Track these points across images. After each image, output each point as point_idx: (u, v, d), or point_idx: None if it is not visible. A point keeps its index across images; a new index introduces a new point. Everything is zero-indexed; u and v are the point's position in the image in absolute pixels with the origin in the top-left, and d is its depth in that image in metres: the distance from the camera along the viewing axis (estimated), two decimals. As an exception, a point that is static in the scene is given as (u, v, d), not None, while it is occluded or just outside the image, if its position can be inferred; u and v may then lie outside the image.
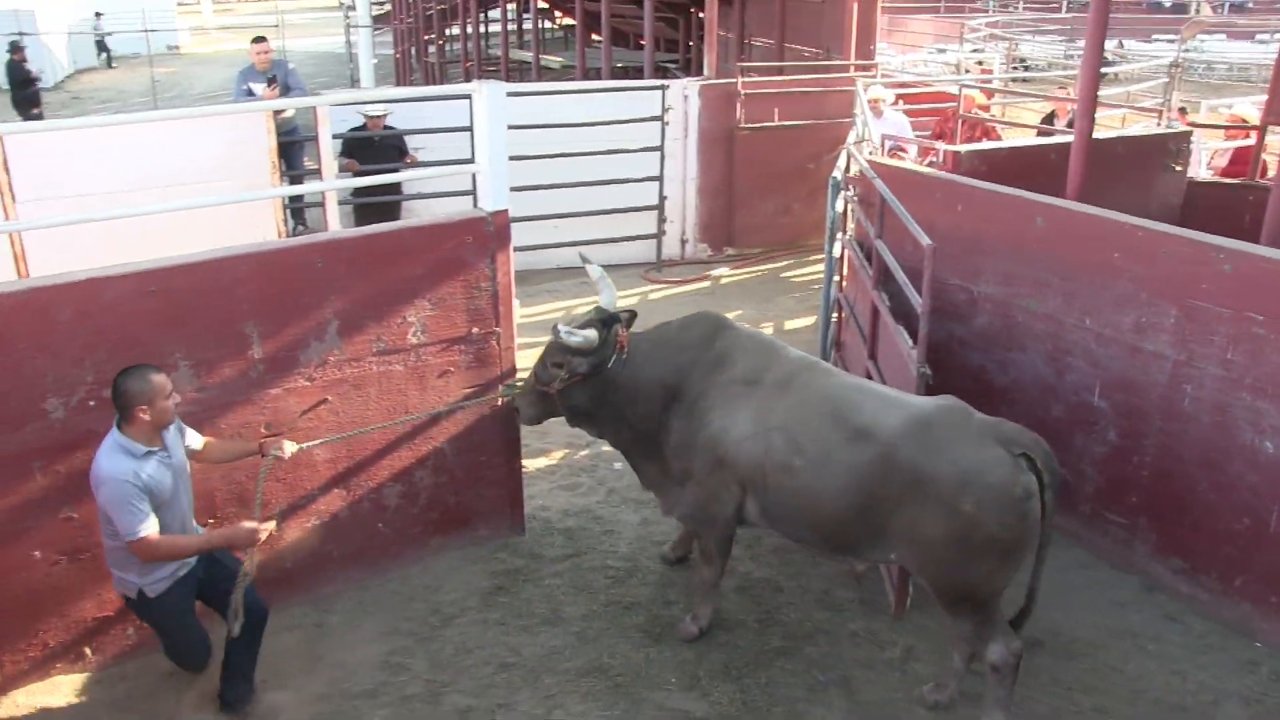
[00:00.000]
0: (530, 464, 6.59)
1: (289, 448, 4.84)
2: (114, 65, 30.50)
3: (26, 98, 20.91)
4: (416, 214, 10.24)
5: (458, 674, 5.08)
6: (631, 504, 6.38)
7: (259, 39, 10.59)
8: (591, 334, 5.08)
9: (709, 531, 5.17)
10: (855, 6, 13.28)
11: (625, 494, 6.55)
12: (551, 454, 7.09)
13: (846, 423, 4.62)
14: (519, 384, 5.64)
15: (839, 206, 7.84)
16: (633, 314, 5.42)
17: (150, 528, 4.28)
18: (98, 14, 33.69)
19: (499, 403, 5.80)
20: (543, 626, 5.40)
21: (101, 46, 33.52)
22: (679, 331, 5.28)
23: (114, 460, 4.28)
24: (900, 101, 11.31)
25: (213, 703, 4.79)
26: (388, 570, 5.72)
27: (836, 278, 7.86)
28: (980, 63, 18.69)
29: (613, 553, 6.02)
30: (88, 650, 5.03)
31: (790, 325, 9.44)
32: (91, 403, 4.69)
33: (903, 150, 9.64)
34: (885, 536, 4.57)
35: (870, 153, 8.53)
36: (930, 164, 8.65)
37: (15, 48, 21.59)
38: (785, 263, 11.35)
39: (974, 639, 4.58)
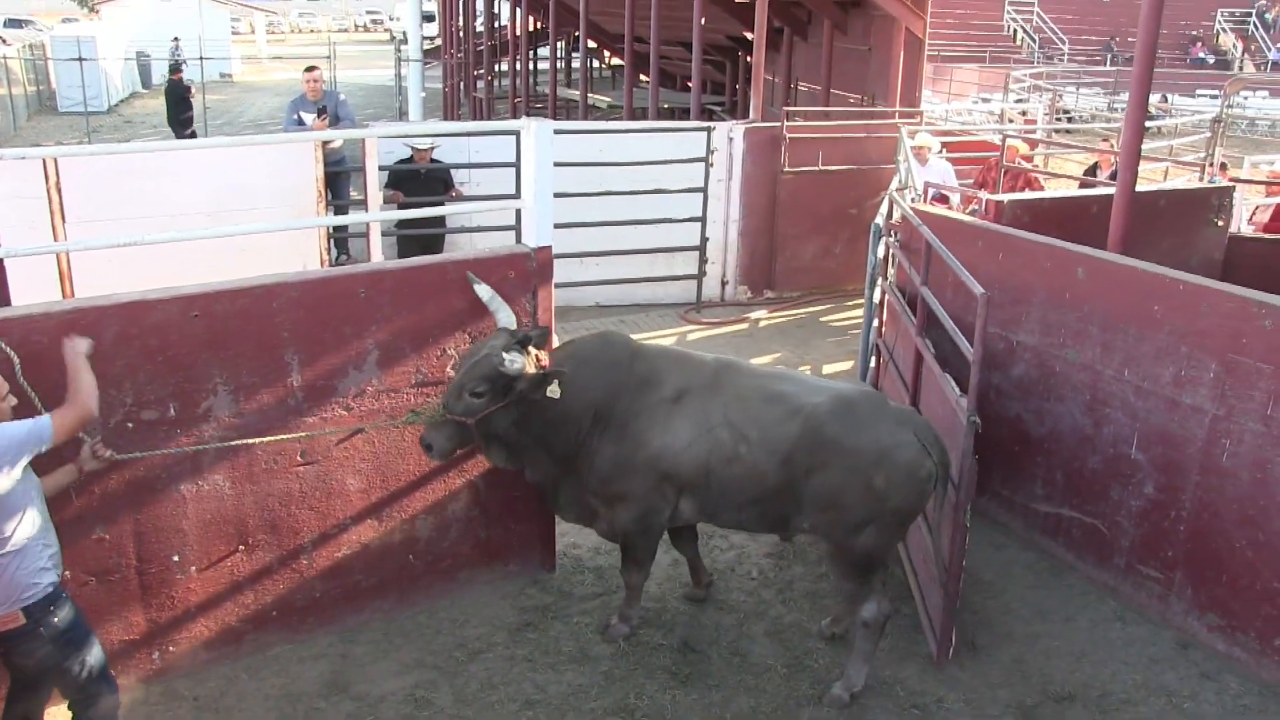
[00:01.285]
0: (563, 500, 6.58)
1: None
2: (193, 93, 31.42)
3: (182, 119, 21.50)
4: (459, 247, 10.33)
5: (482, 710, 5.05)
6: (663, 545, 6.32)
7: (311, 68, 10.74)
8: (520, 357, 4.97)
9: (645, 541, 5.43)
10: (901, 55, 13.32)
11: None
12: (584, 491, 7.06)
13: (780, 404, 5.12)
14: (423, 413, 5.32)
15: (880, 252, 7.83)
16: (544, 331, 5.39)
17: None
18: (175, 39, 34.41)
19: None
20: (569, 665, 5.37)
21: (176, 69, 34.30)
22: (600, 351, 5.34)
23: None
24: (944, 149, 11.31)
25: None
26: (416, 602, 5.72)
27: (876, 323, 7.83)
28: (1024, 113, 18.70)
29: (643, 593, 5.98)
30: (111, 672, 5.05)
31: (828, 369, 9.40)
32: (130, 424, 4.74)
33: (946, 198, 9.62)
34: (804, 504, 5.08)
35: (913, 200, 8.53)
36: (972, 212, 8.63)
37: (175, 68, 21.99)
38: (824, 306, 11.33)
39: (853, 598, 5.18)
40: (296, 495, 5.22)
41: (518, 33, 25.26)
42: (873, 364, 7.81)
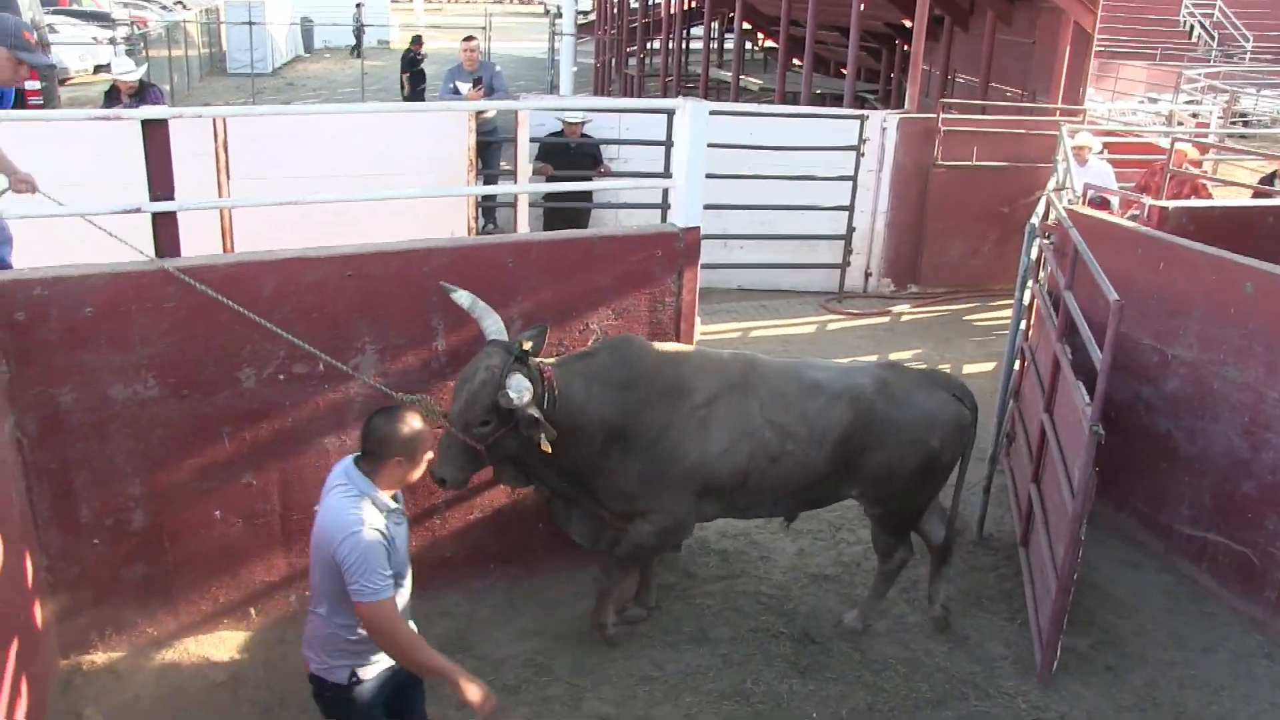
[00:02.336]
0: (692, 481, 6.59)
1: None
2: (361, 55, 32.45)
3: (417, 91, 22.16)
4: (604, 223, 10.41)
5: (599, 682, 5.12)
6: (791, 534, 6.31)
7: (469, 38, 10.92)
8: (525, 383, 4.45)
9: (656, 553, 5.43)
10: (1068, 49, 12.90)
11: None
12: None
13: (820, 393, 5.13)
14: (424, 402, 4.51)
15: (1033, 253, 7.60)
16: (540, 331, 4.86)
17: (393, 593, 3.59)
18: (359, 5, 35.50)
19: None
20: (688, 644, 5.40)
21: (357, 36, 35.46)
22: (614, 368, 4.89)
23: (362, 510, 3.56)
24: (1105, 150, 10.92)
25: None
26: (540, 571, 5.80)
27: (1023, 325, 7.62)
28: (1195, 115, 17.91)
29: (766, 579, 5.97)
30: (253, 611, 5.27)
31: (969, 369, 9.20)
32: (281, 376, 4.91)
33: (1105, 201, 9.29)
34: (856, 480, 5.23)
35: (1070, 201, 8.26)
36: (1132, 218, 8.32)
37: (417, 40, 22.67)
38: (969, 305, 11.08)
39: (890, 549, 5.48)
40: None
41: (672, 11, 25.24)
42: (1016, 367, 7.61)
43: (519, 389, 4.41)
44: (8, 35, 5.09)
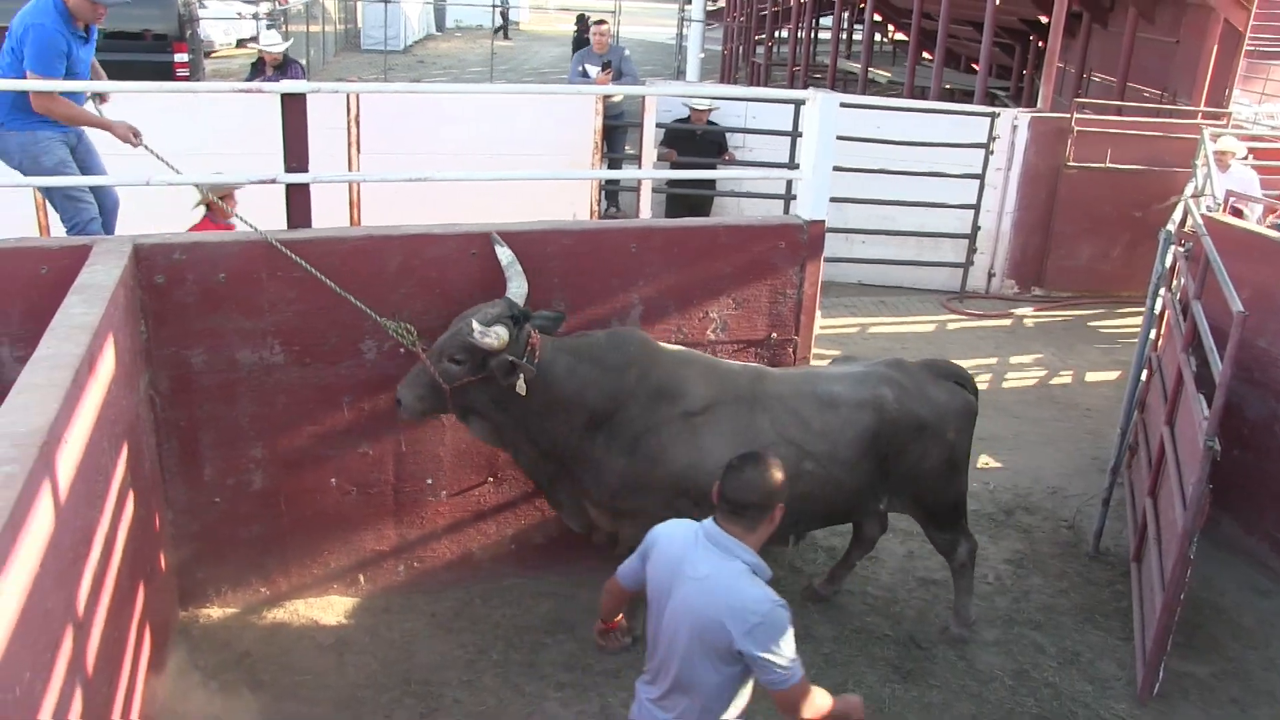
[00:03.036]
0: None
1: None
2: (510, 36, 33.29)
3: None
4: (726, 211, 10.36)
5: (701, 671, 5.09)
6: (900, 534, 6.21)
7: (599, 22, 10.95)
8: (501, 331, 4.45)
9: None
10: (1214, 49, 12.40)
11: (895, 521, 6.33)
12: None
13: (838, 406, 4.95)
14: (408, 330, 4.79)
15: (1167, 261, 7.34)
16: (555, 317, 4.83)
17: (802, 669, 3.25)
18: None
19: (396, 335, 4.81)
20: (788, 641, 5.34)
21: (505, 18, 36.29)
22: (606, 350, 4.78)
23: (759, 585, 3.23)
24: (1250, 156, 10.47)
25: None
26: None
27: (1153, 334, 7.37)
28: (1349, 123, 17.06)
29: (873, 580, 5.88)
30: (361, 578, 5.38)
31: (1091, 377, 8.94)
32: (401, 350, 4.98)
33: (1245, 209, 8.92)
34: (885, 488, 5.12)
35: (1209, 208, 7.94)
36: (1275, 226, 7.98)
37: (583, 19, 22.96)
38: (1095, 311, 10.74)
39: (951, 545, 5.35)
40: (548, 437, 5.36)
41: (802, 1, 24.98)
42: (1143, 377, 7.36)
43: (492, 332, 4.39)
44: None
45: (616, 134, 10.40)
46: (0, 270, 4.46)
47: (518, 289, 4.79)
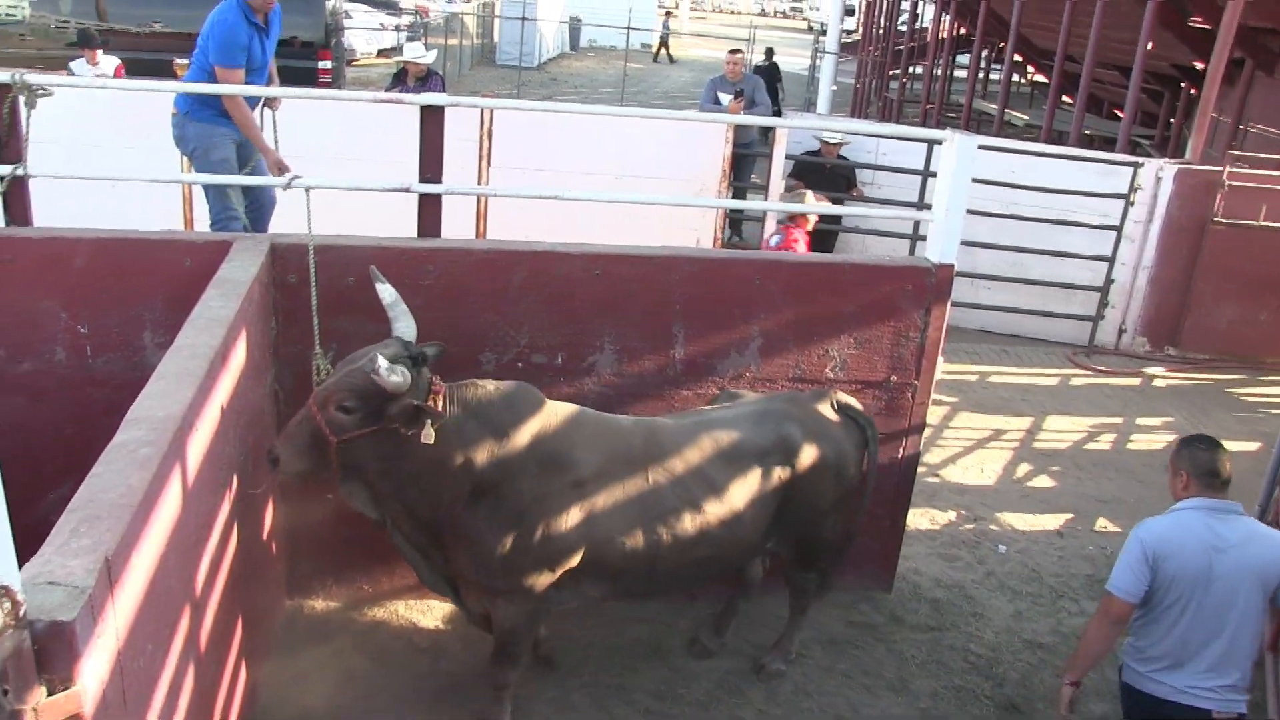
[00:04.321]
0: (913, 523, 6.39)
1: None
2: (672, 59, 34.15)
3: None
4: (849, 248, 10.27)
5: (791, 712, 5.01)
6: (1008, 592, 6.05)
7: (735, 50, 10.99)
8: (405, 373, 3.90)
9: (527, 637, 4.56)
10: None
11: (1004, 580, 6.22)
12: (937, 519, 6.85)
13: (743, 457, 4.61)
14: (322, 358, 4.59)
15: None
16: (440, 351, 4.37)
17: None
18: (668, 13, 36.99)
19: (314, 370, 4.57)
20: (887, 691, 5.22)
21: (665, 42, 37.08)
22: (499, 409, 4.22)
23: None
24: None
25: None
26: (750, 592, 5.69)
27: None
28: None
29: (977, 637, 5.72)
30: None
31: (1227, 446, 8.56)
32: (520, 364, 5.03)
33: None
34: (777, 529, 4.81)
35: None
36: None
37: (770, 52, 23.18)
38: (1235, 376, 10.26)
39: (806, 579, 5.16)
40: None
41: (941, 37, 24.69)
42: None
43: (399, 370, 3.85)
44: None
45: (744, 162, 10.40)
46: (148, 261, 4.65)
47: (406, 328, 4.26)
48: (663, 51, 38.14)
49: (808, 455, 4.72)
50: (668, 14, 38.17)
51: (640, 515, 4.37)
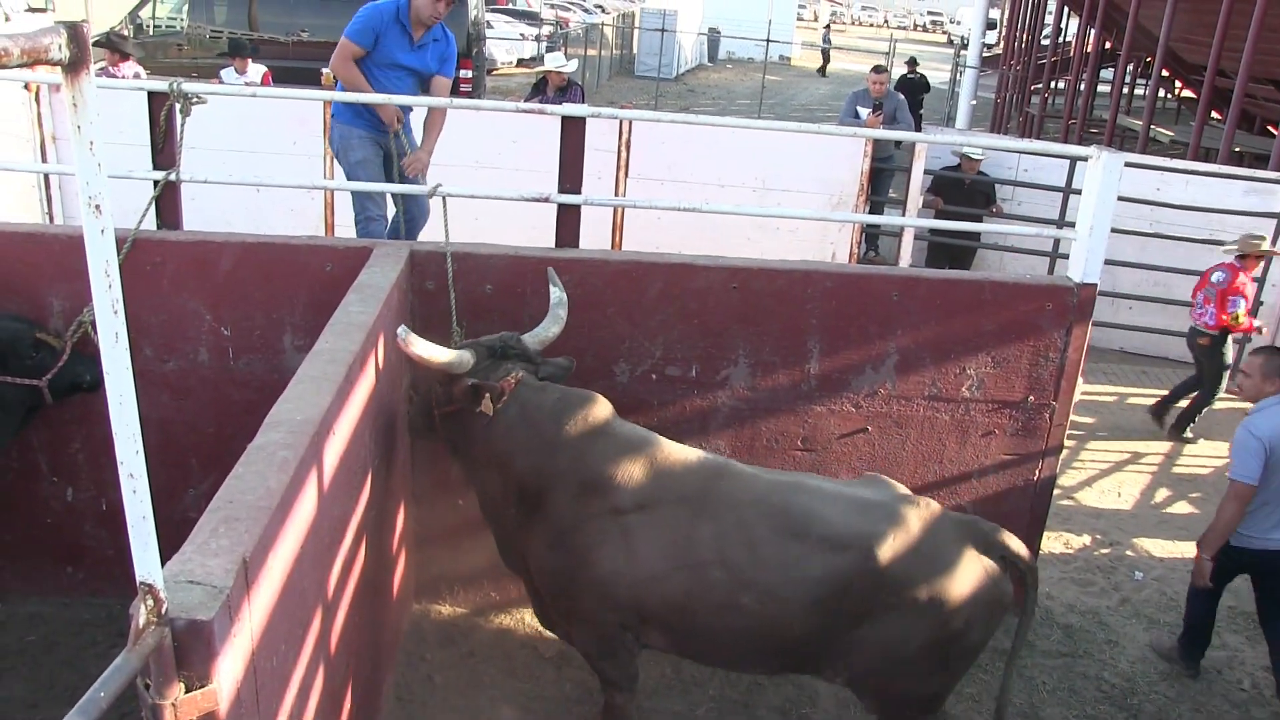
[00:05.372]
0: (1047, 546, 6.19)
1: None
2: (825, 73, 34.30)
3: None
4: (987, 265, 10.03)
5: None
6: (1144, 620, 5.81)
7: (879, 68, 10.87)
8: (458, 356, 4.09)
9: (613, 666, 4.30)
10: None
11: (1140, 607, 5.98)
12: (1071, 543, 6.63)
13: (807, 538, 3.90)
14: (459, 331, 4.71)
15: None
16: (568, 366, 4.40)
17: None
18: (827, 27, 37.18)
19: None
20: (1016, 718, 5.06)
21: (826, 56, 37.22)
22: (547, 416, 4.13)
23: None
24: None
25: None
26: None
27: None
28: None
29: (1111, 665, 5.51)
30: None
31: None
32: (654, 376, 5.02)
33: None
34: (841, 654, 4.03)
35: None
36: None
37: (913, 62, 23.23)
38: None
39: None
40: (787, 478, 5.29)
41: (1085, 50, 23.99)
42: None
43: (422, 342, 4.02)
44: None
45: (883, 177, 10.25)
46: (291, 265, 4.78)
47: (541, 328, 4.47)
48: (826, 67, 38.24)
49: (887, 571, 3.89)
50: (827, 27, 38.27)
51: (672, 558, 3.98)
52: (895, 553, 3.88)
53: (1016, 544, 4.15)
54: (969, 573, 3.96)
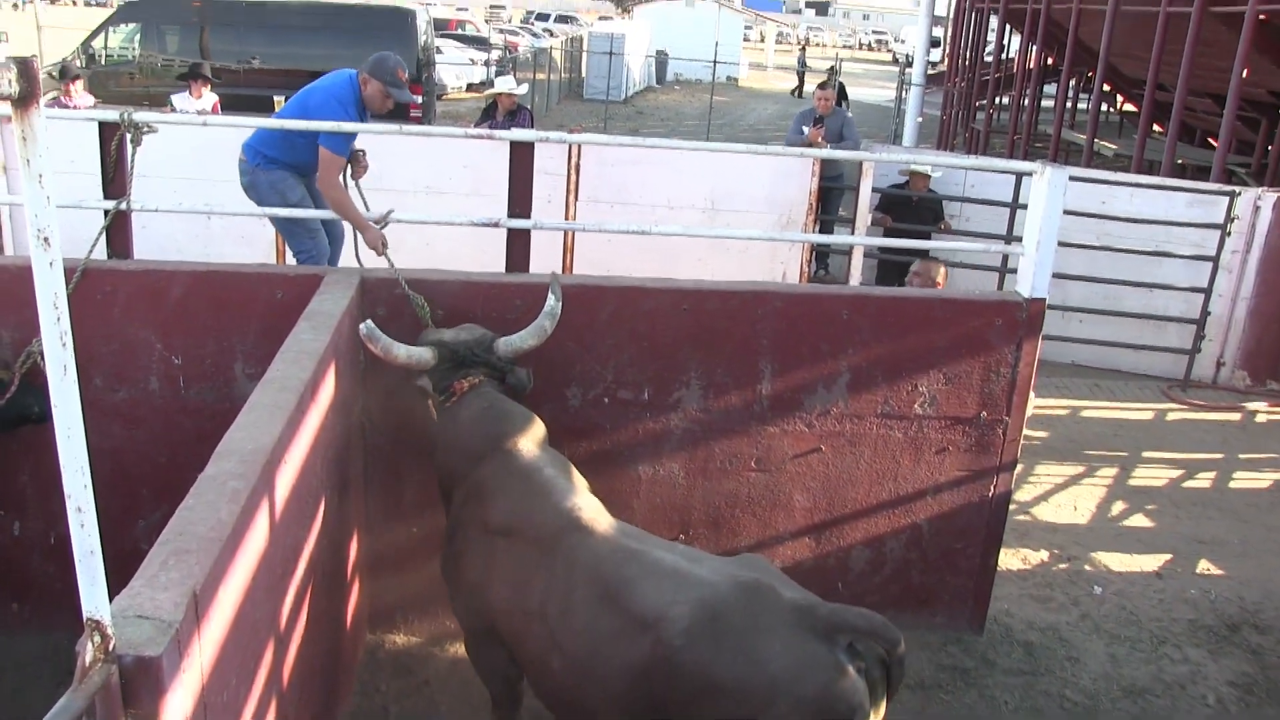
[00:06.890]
0: (1004, 563, 6.22)
1: None
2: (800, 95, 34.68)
3: None
4: (936, 281, 10.10)
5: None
6: (1105, 636, 5.85)
7: (823, 85, 10.95)
8: (417, 355, 4.36)
9: (486, 674, 4.27)
10: None
11: (1100, 622, 6.01)
12: (1029, 559, 6.65)
13: (616, 610, 3.52)
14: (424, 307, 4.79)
15: None
16: (528, 382, 4.50)
17: None
18: (803, 49, 37.74)
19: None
20: (981, 738, 5.09)
21: (802, 78, 37.99)
22: (470, 420, 4.26)
23: None
24: None
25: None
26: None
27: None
28: None
29: (1073, 683, 5.53)
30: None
31: (1330, 487, 8.27)
32: (606, 399, 5.01)
33: None
34: None
35: None
36: None
37: (831, 72, 23.37)
38: (1340, 413, 9.95)
39: None
40: (743, 499, 5.30)
41: (1028, 67, 24.36)
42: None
43: (377, 334, 4.32)
44: (386, 72, 5.58)
45: (832, 196, 10.32)
46: (241, 293, 4.74)
47: (517, 335, 4.50)
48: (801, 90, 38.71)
49: (690, 660, 3.36)
50: (803, 49, 38.77)
51: (513, 598, 3.83)
52: (687, 635, 3.38)
53: (869, 622, 3.42)
54: (790, 663, 3.32)
